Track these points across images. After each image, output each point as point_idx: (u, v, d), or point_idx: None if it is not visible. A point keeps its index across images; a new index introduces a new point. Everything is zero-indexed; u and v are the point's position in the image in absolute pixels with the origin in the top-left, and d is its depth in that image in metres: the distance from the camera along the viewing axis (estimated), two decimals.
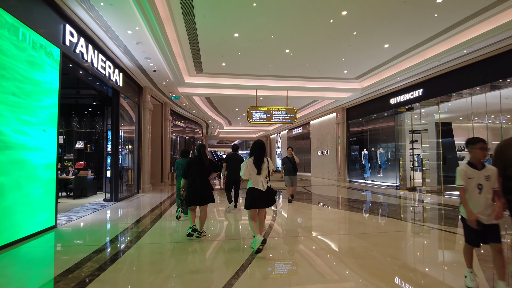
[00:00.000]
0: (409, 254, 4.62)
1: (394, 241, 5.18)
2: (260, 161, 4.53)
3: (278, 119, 12.81)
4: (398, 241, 5.28)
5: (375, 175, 16.42)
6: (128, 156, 11.88)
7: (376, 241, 5.06)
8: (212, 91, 13.29)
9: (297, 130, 27.04)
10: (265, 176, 4.54)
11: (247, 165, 4.51)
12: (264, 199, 4.47)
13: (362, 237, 5.35)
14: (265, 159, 4.61)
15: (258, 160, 4.53)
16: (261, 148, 4.61)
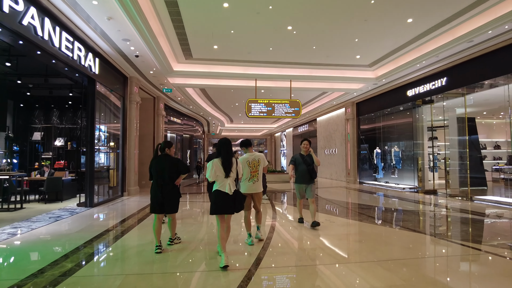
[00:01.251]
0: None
1: (441, 275, 3.68)
2: (228, 163, 4.08)
3: (281, 113, 11.33)
4: (447, 274, 3.77)
5: (388, 176, 14.85)
6: (110, 154, 10.51)
7: (414, 274, 3.57)
8: (206, 81, 11.86)
9: (303, 127, 25.52)
10: (233, 179, 4.16)
11: (214, 166, 4.07)
12: (230, 204, 4.04)
13: (392, 267, 3.85)
14: (234, 160, 4.18)
15: (226, 161, 4.08)
16: (228, 147, 4.15)
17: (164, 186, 4.44)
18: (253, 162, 4.89)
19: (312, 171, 5.97)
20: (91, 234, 5.53)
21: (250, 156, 4.94)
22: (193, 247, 4.74)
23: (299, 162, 6.04)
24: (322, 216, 7.18)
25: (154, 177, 4.51)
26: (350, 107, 16.52)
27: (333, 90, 13.41)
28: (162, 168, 4.45)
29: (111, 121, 10.44)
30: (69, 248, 4.66)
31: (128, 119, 11.22)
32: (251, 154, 4.97)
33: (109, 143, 10.38)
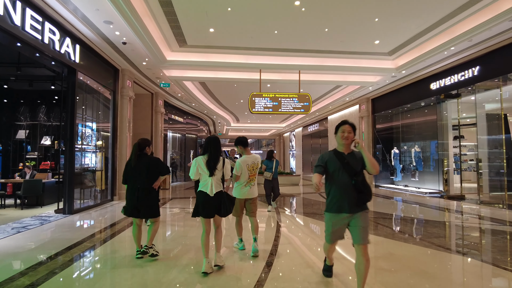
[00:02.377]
0: None
1: None
2: (215, 160, 3.72)
3: (288, 109, 10.10)
4: None
5: (408, 179, 13.46)
6: (97, 154, 9.47)
7: None
8: (205, 73, 10.72)
9: (313, 127, 24.19)
10: (219, 179, 3.79)
11: (197, 163, 3.75)
12: (211, 207, 3.70)
13: None
14: (221, 160, 3.82)
15: (213, 159, 3.72)
16: (216, 145, 3.80)
17: (142, 189, 4.04)
18: (252, 165, 4.43)
19: (363, 185, 2.95)
20: (48, 251, 4.43)
21: (249, 158, 4.46)
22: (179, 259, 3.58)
23: (335, 167, 2.99)
24: None
25: (130, 180, 4.10)
26: (365, 103, 15.19)
27: (346, 84, 12.10)
28: (141, 170, 4.05)
29: (98, 117, 9.40)
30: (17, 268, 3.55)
31: (120, 115, 10.17)
32: (250, 157, 4.49)
33: (96, 142, 9.32)
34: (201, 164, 3.72)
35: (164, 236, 5.56)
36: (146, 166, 4.07)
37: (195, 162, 3.74)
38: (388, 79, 11.51)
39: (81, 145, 8.29)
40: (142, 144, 4.17)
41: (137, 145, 4.15)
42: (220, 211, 3.71)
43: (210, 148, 3.73)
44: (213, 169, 3.68)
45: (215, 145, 3.75)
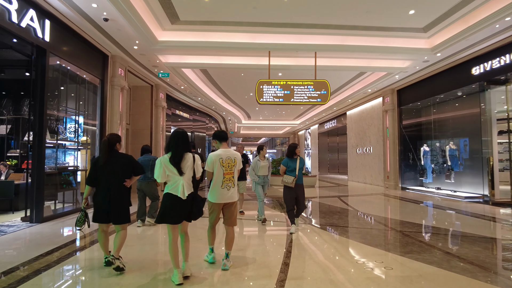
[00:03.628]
0: None
1: None
2: (179, 157, 3.28)
3: (302, 98, 8.58)
4: None
5: (441, 181, 11.71)
6: (82, 152, 8.24)
7: None
8: (205, 59, 9.34)
9: (330, 123, 22.51)
10: (190, 179, 3.32)
11: (162, 163, 3.26)
12: (183, 211, 3.28)
13: None
14: (190, 156, 3.33)
15: (178, 155, 3.28)
16: (183, 139, 3.33)
17: (113, 191, 3.58)
18: (227, 160, 3.76)
19: None
20: None
21: (224, 152, 3.80)
22: None
23: None
24: (361, 250, 4.41)
25: (99, 181, 3.60)
26: (390, 95, 13.47)
27: (371, 70, 10.44)
28: (114, 169, 3.61)
29: (83, 109, 8.17)
30: None
31: (110, 108, 8.92)
32: (226, 151, 3.83)
33: (79, 137, 8.10)
34: (167, 163, 3.27)
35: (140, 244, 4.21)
36: (119, 164, 3.64)
37: (160, 162, 3.29)
38: (419, 64, 9.82)
39: (56, 140, 7.06)
40: (112, 140, 3.69)
41: (107, 141, 3.65)
42: (192, 214, 3.39)
43: (174, 145, 3.30)
44: (180, 167, 3.26)
45: (177, 139, 3.32)
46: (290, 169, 5.57)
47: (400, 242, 5.05)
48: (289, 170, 5.58)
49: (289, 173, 5.56)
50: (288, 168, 5.59)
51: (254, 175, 6.58)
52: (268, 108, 18.79)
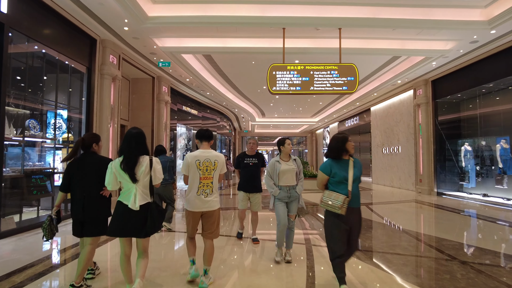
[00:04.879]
0: None
1: None
2: (132, 161, 2.85)
3: (324, 86, 7.06)
4: None
5: (487, 186, 9.94)
6: (63, 152, 7.04)
7: None
8: (208, 41, 7.94)
9: (351, 121, 20.77)
10: (146, 187, 2.91)
11: (113, 169, 2.87)
12: (134, 223, 2.83)
13: None
14: (146, 160, 2.91)
15: (130, 159, 2.85)
16: (136, 140, 2.92)
17: (88, 198, 3.09)
18: (205, 163, 3.27)
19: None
20: None
21: (202, 153, 3.32)
22: None
23: None
24: (375, 274, 2.89)
25: (73, 187, 3.12)
26: (423, 87, 11.74)
27: (405, 54, 8.74)
28: (88, 173, 3.11)
29: (57, 99, 6.95)
30: None
31: (98, 100, 7.70)
32: (205, 151, 3.33)
33: (56, 134, 6.88)
34: (118, 168, 2.84)
35: None
36: (94, 168, 3.15)
37: (110, 167, 2.90)
38: (464, 47, 8.12)
39: (22, 137, 5.83)
40: (88, 140, 3.25)
41: (81, 141, 3.24)
42: (142, 230, 2.83)
43: (126, 145, 2.87)
44: (133, 173, 2.81)
45: (134, 140, 2.89)
46: (336, 179, 3.09)
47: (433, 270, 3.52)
48: (334, 182, 3.12)
49: (335, 187, 3.11)
50: (333, 178, 3.11)
51: (272, 186, 4.11)
52: (284, 104, 17.28)
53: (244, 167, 5.05)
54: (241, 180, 5.09)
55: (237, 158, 5.27)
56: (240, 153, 5.30)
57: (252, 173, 5.01)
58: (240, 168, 5.13)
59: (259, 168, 5.09)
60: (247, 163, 5.05)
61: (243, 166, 5.07)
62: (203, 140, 3.44)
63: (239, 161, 5.17)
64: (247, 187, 4.99)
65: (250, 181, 4.98)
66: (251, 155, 5.12)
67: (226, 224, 6.51)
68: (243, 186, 5.02)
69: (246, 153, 5.18)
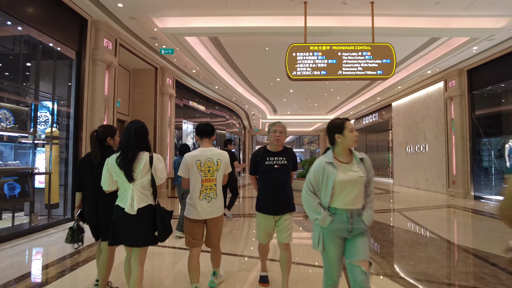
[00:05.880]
0: None
1: None
2: (129, 158, 2.48)
3: (355, 70, 5.88)
4: None
5: None
6: (47, 149, 6.03)
7: None
8: (215, 21, 6.80)
9: (369, 118, 19.46)
10: (146, 187, 2.51)
11: (109, 166, 2.52)
12: (132, 229, 2.45)
13: None
14: (145, 156, 2.52)
15: (127, 155, 2.48)
16: (136, 133, 2.54)
17: (102, 199, 2.75)
18: (207, 163, 2.90)
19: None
20: None
21: (203, 152, 2.93)
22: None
23: None
24: None
25: (85, 187, 2.91)
26: (456, 77, 10.45)
27: (446, 34, 7.38)
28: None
29: (37, 87, 5.96)
30: None
31: (90, 89, 6.68)
32: (206, 150, 2.95)
33: (37, 127, 5.88)
34: (113, 164, 2.49)
35: None
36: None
37: (106, 164, 2.56)
38: None
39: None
40: (102, 134, 2.88)
41: (95, 135, 2.85)
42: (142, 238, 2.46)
43: (125, 138, 2.52)
44: (130, 170, 2.44)
45: (134, 133, 2.52)
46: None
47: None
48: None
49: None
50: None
51: (317, 209, 2.21)
52: (298, 99, 16.08)
53: (266, 171, 3.09)
54: (261, 194, 3.14)
55: (253, 158, 3.24)
56: (258, 149, 3.32)
57: (280, 181, 3.05)
58: (259, 174, 3.19)
59: (289, 172, 3.14)
60: (270, 165, 3.07)
61: (264, 170, 3.11)
62: (203, 137, 3.03)
63: (256, 163, 3.18)
64: (272, 205, 3.04)
65: (277, 195, 3.03)
66: (276, 152, 3.12)
67: (237, 236, 5.38)
68: (265, 205, 3.07)
69: (267, 149, 3.17)
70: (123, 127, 9.12)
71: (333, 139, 2.27)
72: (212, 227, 2.96)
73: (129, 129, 2.55)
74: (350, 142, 2.23)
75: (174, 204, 8.94)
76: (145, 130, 2.64)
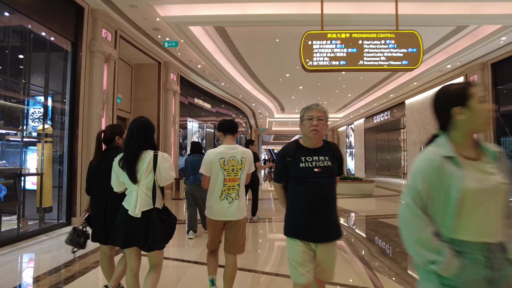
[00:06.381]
0: None
1: None
2: (132, 157, 2.30)
3: (377, 60, 5.27)
4: None
5: None
6: (39, 147, 5.53)
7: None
8: (222, 8, 6.23)
9: (380, 116, 18.75)
10: (150, 188, 2.31)
11: (114, 167, 2.39)
12: (136, 232, 2.28)
13: None
14: (149, 155, 2.33)
15: (130, 155, 2.31)
16: (139, 131, 2.36)
17: (111, 203, 2.60)
18: (231, 161, 2.70)
19: None
20: None
21: (228, 150, 2.74)
22: None
23: None
24: None
25: (95, 188, 2.75)
26: (478, 72, 9.77)
27: (475, 22, 6.70)
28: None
29: (28, 79, 5.47)
30: None
31: (87, 83, 6.17)
32: (230, 147, 2.75)
33: (29, 124, 5.38)
34: (116, 167, 2.37)
35: None
36: None
37: (113, 165, 2.43)
38: None
39: None
40: (109, 133, 2.77)
41: (102, 134, 2.76)
42: (150, 240, 2.25)
43: (128, 137, 2.37)
44: (132, 171, 2.29)
45: (137, 130, 2.35)
46: None
47: None
48: None
49: None
50: None
51: (432, 240, 1.25)
52: (307, 96, 15.44)
53: (301, 178, 2.10)
54: (294, 211, 2.14)
55: (280, 158, 2.22)
56: (286, 145, 2.27)
57: (324, 192, 2.09)
58: (290, 181, 2.18)
59: (334, 178, 2.17)
60: (307, 169, 2.09)
61: (297, 175, 2.11)
62: (227, 133, 2.83)
63: (284, 165, 2.17)
64: (312, 228, 2.06)
65: (319, 212, 2.06)
66: (315, 149, 2.15)
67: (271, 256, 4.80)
68: (301, 227, 2.08)
69: (301, 144, 2.18)
70: (124, 125, 8.61)
71: (448, 119, 1.34)
72: (231, 229, 2.75)
73: (132, 128, 2.39)
74: (481, 121, 1.30)
75: (178, 206, 8.43)
76: (149, 127, 2.45)
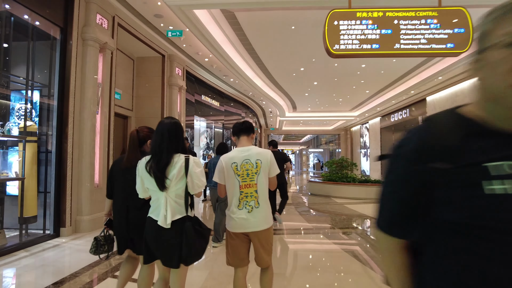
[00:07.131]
0: None
1: None
2: (165, 161, 2.09)
3: (417, 43, 4.41)
4: None
5: None
6: (20, 147, 4.82)
7: None
8: None
9: (398, 115, 17.68)
10: (180, 195, 2.11)
11: (139, 170, 2.19)
12: (161, 246, 2.10)
13: None
14: (180, 160, 2.12)
15: (159, 159, 2.09)
16: (170, 134, 2.15)
17: (134, 209, 2.41)
18: (244, 165, 2.42)
19: None
20: None
21: (240, 153, 2.46)
22: None
23: None
24: None
25: (117, 194, 2.54)
26: None
27: None
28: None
29: (6, 68, 4.76)
30: None
31: (78, 76, 5.44)
32: (243, 150, 2.47)
33: (9, 121, 4.66)
34: (143, 170, 2.13)
35: None
36: None
37: (137, 170, 2.22)
38: None
39: None
40: (142, 134, 2.51)
41: (136, 134, 2.47)
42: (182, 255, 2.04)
43: (156, 140, 2.14)
44: (161, 178, 2.05)
45: (167, 132, 2.13)
46: None
47: None
48: None
49: None
50: None
51: None
52: (322, 93, 14.54)
53: (491, 229, 0.67)
54: None
55: (403, 163, 0.81)
56: (423, 126, 0.81)
57: None
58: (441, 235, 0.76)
59: None
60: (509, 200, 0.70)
61: (474, 221, 0.69)
62: (241, 134, 2.55)
63: (420, 184, 0.76)
64: None
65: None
66: None
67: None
68: None
69: (475, 122, 0.75)
70: (124, 123, 7.86)
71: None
72: (257, 242, 2.45)
73: (162, 129, 2.16)
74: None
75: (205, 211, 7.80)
76: (180, 128, 2.23)
